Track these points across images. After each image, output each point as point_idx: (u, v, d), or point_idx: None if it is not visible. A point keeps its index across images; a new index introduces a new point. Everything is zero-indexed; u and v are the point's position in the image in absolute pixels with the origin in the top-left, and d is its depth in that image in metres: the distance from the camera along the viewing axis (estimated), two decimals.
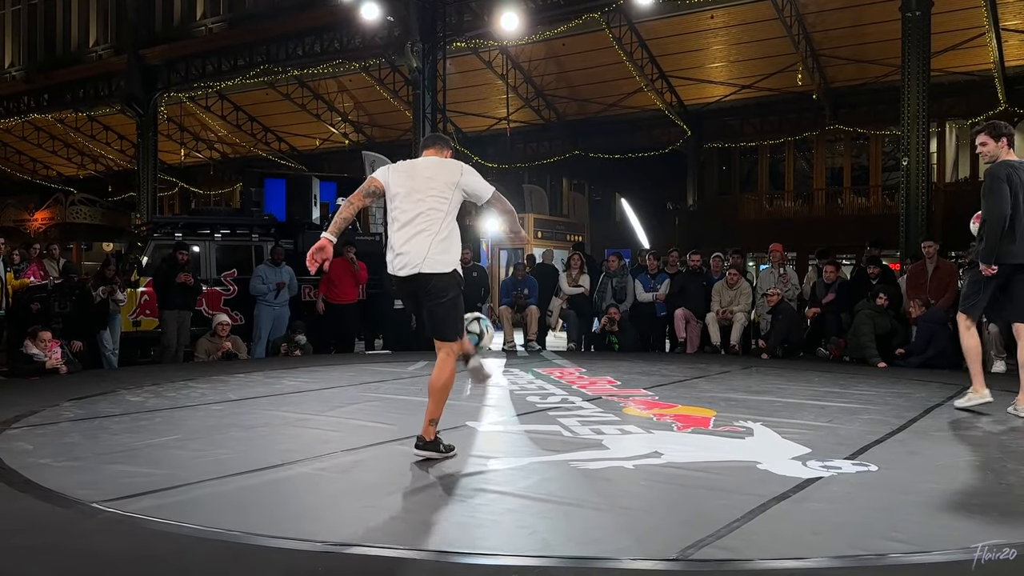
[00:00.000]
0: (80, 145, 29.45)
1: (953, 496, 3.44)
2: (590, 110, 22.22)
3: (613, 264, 11.20)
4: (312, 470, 3.89)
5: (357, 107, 24.79)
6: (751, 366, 8.71)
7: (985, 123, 5.56)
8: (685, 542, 2.77)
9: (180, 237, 10.90)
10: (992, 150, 5.38)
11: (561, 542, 2.85)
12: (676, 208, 23.16)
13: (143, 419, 5.38)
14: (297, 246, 11.79)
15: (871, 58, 17.59)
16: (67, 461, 4.11)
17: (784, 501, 3.29)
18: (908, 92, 11.89)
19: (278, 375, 7.75)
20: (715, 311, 10.34)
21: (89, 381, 7.45)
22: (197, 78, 20.32)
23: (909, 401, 6.10)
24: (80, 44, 23.51)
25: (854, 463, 3.97)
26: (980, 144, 5.46)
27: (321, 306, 10.65)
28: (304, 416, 5.44)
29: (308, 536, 2.86)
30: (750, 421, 5.07)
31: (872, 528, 2.97)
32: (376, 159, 15.67)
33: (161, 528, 2.98)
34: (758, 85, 19.81)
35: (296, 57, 18.48)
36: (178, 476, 3.72)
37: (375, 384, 7.12)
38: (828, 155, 22.44)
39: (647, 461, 4.00)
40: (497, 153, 23.45)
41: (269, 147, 27.22)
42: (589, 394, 6.38)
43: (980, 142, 5.46)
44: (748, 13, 17.68)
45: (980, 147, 5.46)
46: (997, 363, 8.36)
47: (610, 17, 17.68)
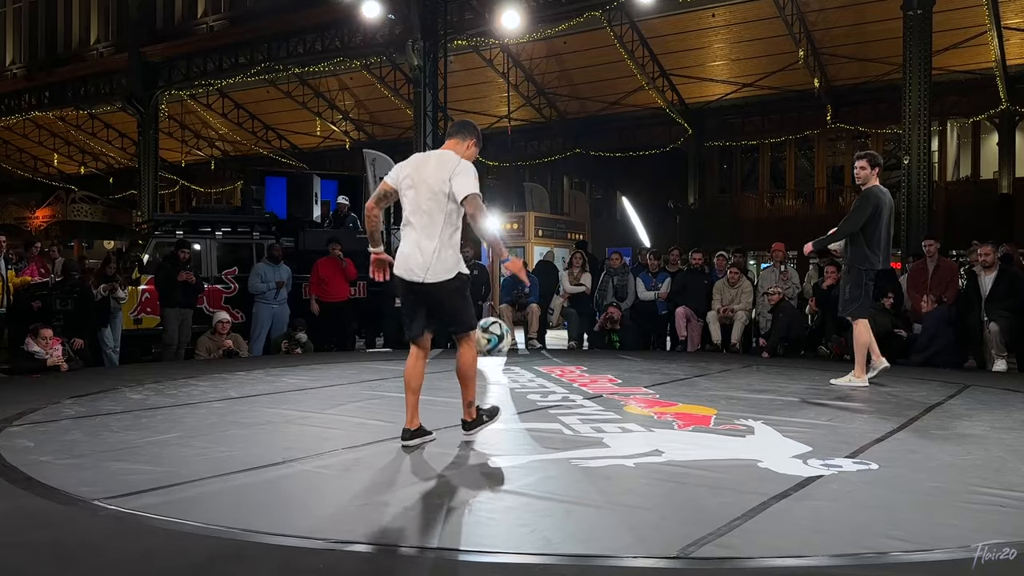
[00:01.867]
0: (81, 143, 29.46)
1: (953, 495, 3.44)
2: (591, 108, 22.20)
3: (615, 262, 11.20)
4: (313, 468, 3.89)
5: (358, 105, 24.78)
6: (752, 364, 8.71)
7: (864, 152, 6.66)
8: (686, 540, 2.77)
9: (181, 235, 10.90)
10: (867, 175, 6.51)
11: (562, 540, 2.85)
12: (677, 207, 23.14)
13: (144, 416, 5.39)
14: (298, 244, 11.80)
15: (872, 56, 17.57)
16: (68, 458, 4.11)
17: (785, 499, 3.29)
18: (909, 90, 11.88)
19: (279, 373, 7.75)
20: (716, 309, 10.34)
21: (90, 379, 7.46)
22: (198, 76, 20.32)
23: (910, 400, 6.10)
24: (81, 42, 23.52)
25: (855, 462, 3.97)
26: (860, 168, 6.55)
27: (316, 307, 10.64)
28: (305, 414, 5.44)
29: (308, 534, 2.86)
30: (751, 419, 5.06)
31: (873, 526, 2.97)
32: (377, 157, 15.65)
33: (162, 525, 2.98)
34: (759, 83, 19.79)
35: (297, 55, 18.48)
36: (179, 473, 3.72)
37: (376, 382, 7.12)
38: (829, 153, 22.41)
39: (648, 459, 4.00)
40: (498, 151, 23.43)
41: (270, 145, 27.22)
42: (590, 392, 6.38)
43: (860, 166, 6.55)
44: (749, 11, 17.66)
45: (859, 170, 6.55)
46: (998, 362, 8.36)
47: (611, 15, 17.67)
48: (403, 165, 4.33)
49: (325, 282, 10.73)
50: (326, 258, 10.82)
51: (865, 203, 6.45)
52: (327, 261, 10.77)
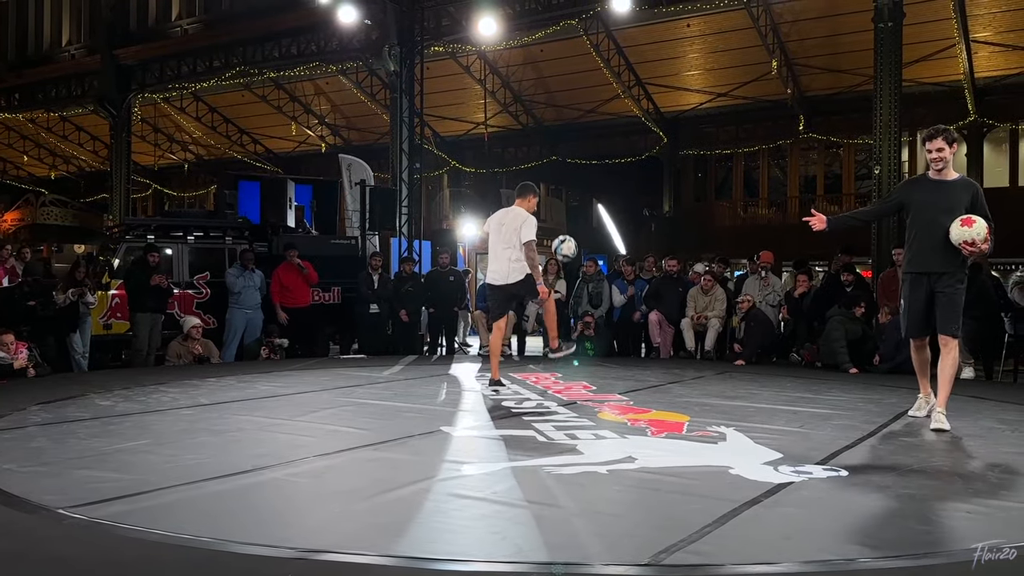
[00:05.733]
0: (52, 145, 29.04)
1: (922, 502, 3.48)
2: (568, 116, 22.29)
3: (590, 269, 11.23)
4: (284, 475, 3.86)
5: (334, 110, 24.69)
6: (725, 371, 8.76)
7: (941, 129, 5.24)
8: (657, 547, 2.77)
9: (152, 239, 10.78)
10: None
11: (533, 547, 2.85)
12: (652, 214, 23.28)
13: (113, 423, 5.31)
14: (271, 249, 11.71)
15: (845, 68, 17.81)
16: (33, 466, 4.04)
17: (756, 506, 3.31)
18: (880, 102, 12.03)
19: (251, 379, 7.68)
20: (690, 316, 10.41)
21: (58, 384, 7.34)
22: (172, 79, 20.10)
23: (879, 407, 6.17)
24: (53, 43, 23.19)
25: (825, 468, 4.01)
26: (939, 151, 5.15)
27: (283, 315, 10.59)
28: (277, 421, 5.39)
29: (279, 542, 2.83)
30: (723, 426, 5.10)
31: (842, 533, 3.00)
32: (353, 162, 15.60)
33: (129, 534, 2.94)
34: (733, 93, 19.99)
35: (273, 59, 18.34)
36: (148, 481, 3.67)
37: (349, 389, 7.08)
38: (802, 163, 22.67)
39: (621, 466, 4.01)
40: (475, 158, 23.46)
41: (244, 149, 27.01)
42: (564, 399, 6.38)
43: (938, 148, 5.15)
44: (724, 21, 17.83)
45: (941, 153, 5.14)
46: (965, 369, 8.45)
47: (588, 24, 17.75)
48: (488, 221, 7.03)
49: (288, 288, 10.67)
50: (285, 264, 10.74)
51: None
52: (287, 267, 10.71)
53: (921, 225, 5.25)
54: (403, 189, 15.38)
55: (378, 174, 16.95)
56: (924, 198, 5.27)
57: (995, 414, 5.92)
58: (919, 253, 5.26)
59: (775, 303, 10.39)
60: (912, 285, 5.31)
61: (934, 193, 5.23)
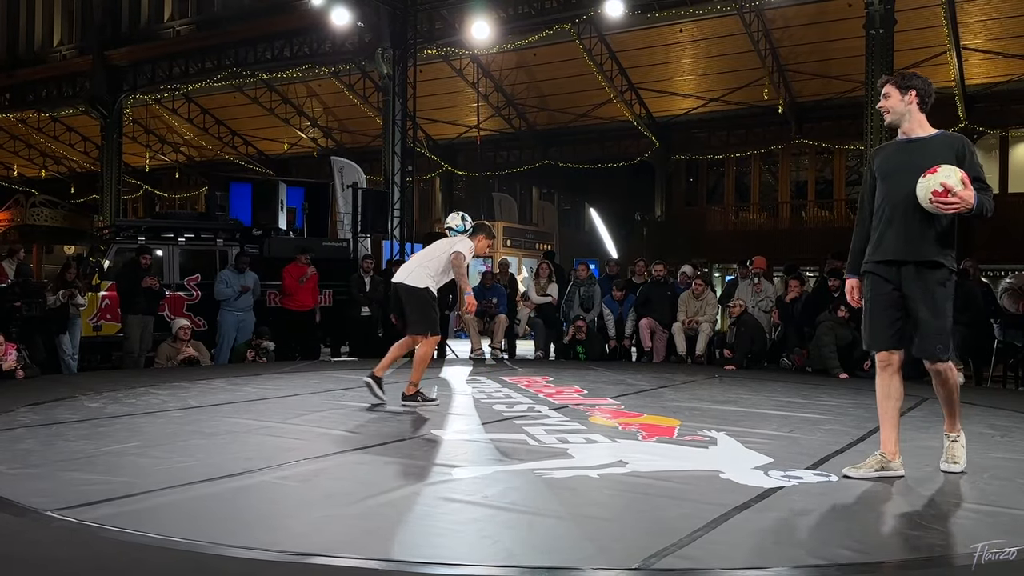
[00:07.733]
0: (42, 146, 28.88)
1: (912, 507, 3.49)
2: (560, 120, 22.31)
3: (582, 273, 11.25)
4: (274, 479, 3.84)
5: (326, 112, 24.64)
6: (716, 376, 8.78)
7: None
8: (647, 551, 2.77)
9: (143, 241, 10.73)
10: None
11: (524, 551, 2.84)
12: (644, 219, 23.33)
13: (102, 425, 5.28)
14: (263, 251, 11.68)
15: (836, 74, 17.88)
16: (21, 468, 4.01)
17: (746, 510, 3.32)
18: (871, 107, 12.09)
19: (241, 382, 7.65)
20: (681, 321, 10.43)
21: (47, 386, 7.29)
22: (164, 80, 20.06)
23: (869, 412, 6.15)
24: (44, 43, 23.10)
25: (815, 473, 4.02)
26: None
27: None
28: (267, 424, 5.37)
29: (268, 546, 2.82)
30: (714, 431, 5.10)
31: (832, 537, 3.00)
32: (345, 165, 15.58)
33: (118, 537, 2.92)
34: (725, 99, 20.04)
35: (265, 61, 18.32)
36: (137, 484, 3.65)
37: (340, 391, 7.06)
38: (793, 168, 22.74)
39: (612, 470, 4.01)
40: (467, 161, 23.45)
41: (236, 151, 26.91)
42: (555, 403, 6.38)
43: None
44: (716, 27, 17.88)
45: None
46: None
47: (581, 28, 17.77)
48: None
49: (292, 292, 10.66)
50: (292, 266, 10.74)
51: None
52: (294, 270, 10.71)
53: (889, 199, 3.89)
54: (395, 192, 15.38)
55: (370, 177, 16.94)
56: (892, 164, 3.93)
57: (985, 420, 5.94)
58: (885, 236, 3.89)
59: (768, 309, 10.41)
60: (875, 281, 3.94)
61: (903, 154, 3.92)
